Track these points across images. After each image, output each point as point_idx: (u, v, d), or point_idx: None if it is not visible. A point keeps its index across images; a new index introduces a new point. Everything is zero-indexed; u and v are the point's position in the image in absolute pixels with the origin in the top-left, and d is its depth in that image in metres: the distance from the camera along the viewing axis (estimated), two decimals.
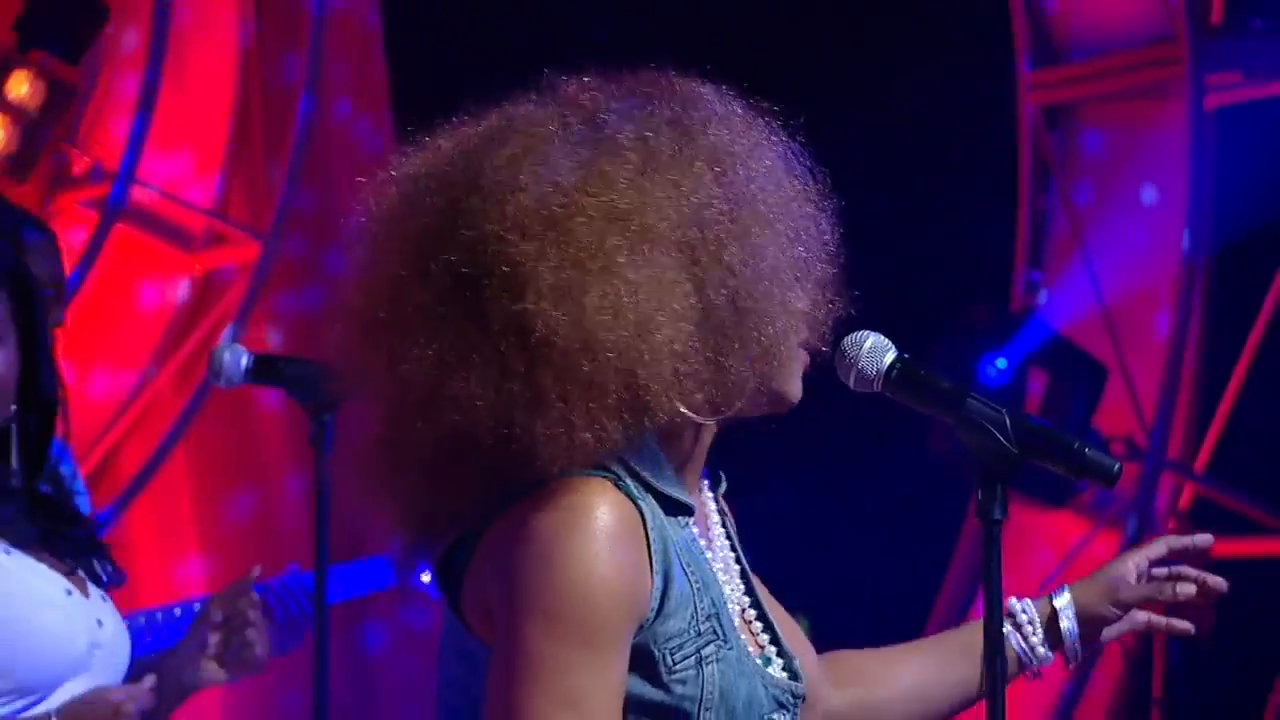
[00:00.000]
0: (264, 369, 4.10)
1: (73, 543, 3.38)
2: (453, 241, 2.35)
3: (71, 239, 8.07)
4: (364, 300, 2.39)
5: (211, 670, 3.58)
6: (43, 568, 3.31)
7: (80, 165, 8.17)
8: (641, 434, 2.36)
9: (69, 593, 3.32)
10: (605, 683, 2.30)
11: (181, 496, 8.19)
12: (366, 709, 8.28)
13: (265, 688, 7.78)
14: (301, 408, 4.09)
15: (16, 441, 3.39)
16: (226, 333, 8.06)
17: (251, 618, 3.58)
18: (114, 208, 8.08)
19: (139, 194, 8.17)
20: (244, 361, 4.08)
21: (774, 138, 2.45)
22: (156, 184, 8.25)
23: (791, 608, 2.57)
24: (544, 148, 2.37)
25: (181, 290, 8.43)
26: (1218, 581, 2.87)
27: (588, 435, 2.31)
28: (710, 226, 2.37)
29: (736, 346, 2.37)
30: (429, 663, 2.54)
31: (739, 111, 2.44)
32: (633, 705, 2.35)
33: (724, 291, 2.36)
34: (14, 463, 3.38)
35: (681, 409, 2.35)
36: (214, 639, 3.58)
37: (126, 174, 8.04)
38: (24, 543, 3.31)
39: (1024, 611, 2.86)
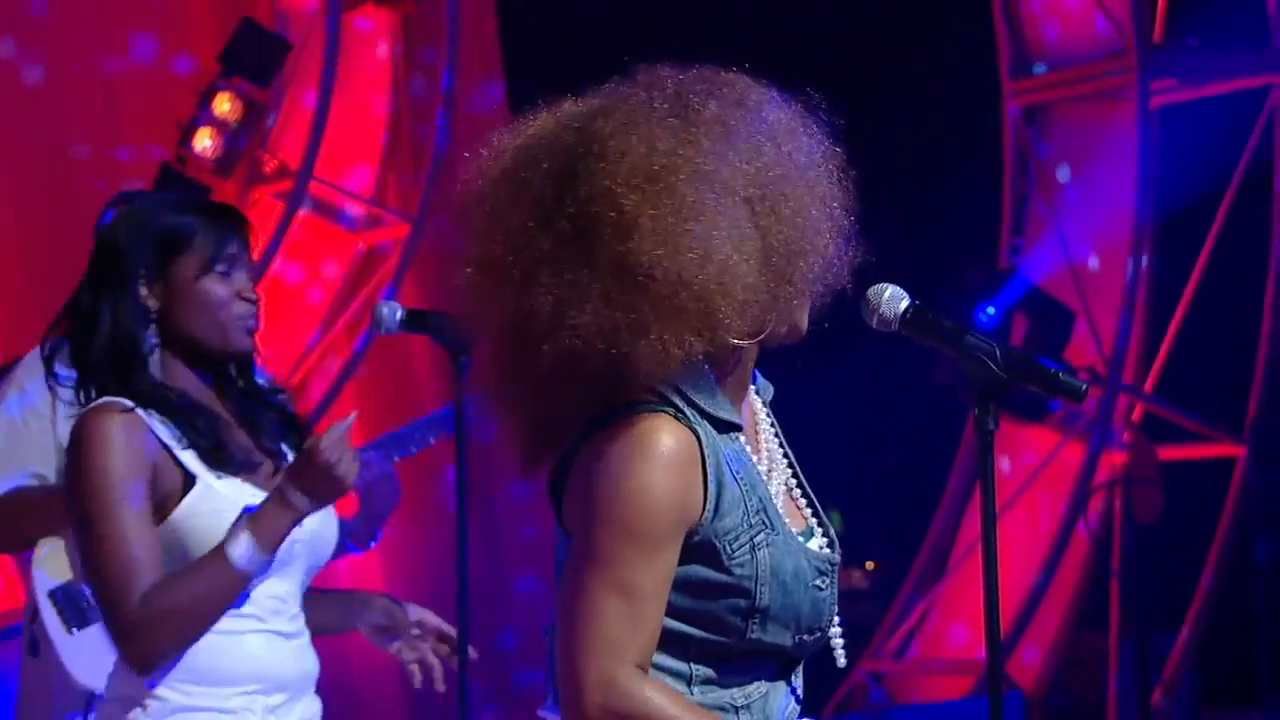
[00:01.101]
0: (414, 320, 4.05)
1: (274, 424, 3.31)
2: (571, 196, 2.30)
3: (264, 223, 8.11)
4: (493, 248, 2.33)
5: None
6: (248, 487, 3.22)
7: (270, 165, 8.17)
8: (703, 361, 2.34)
9: None
10: (652, 575, 2.29)
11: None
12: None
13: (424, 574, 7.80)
14: (444, 351, 4.07)
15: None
16: (385, 293, 8.07)
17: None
18: (297, 199, 8.09)
19: (316, 187, 8.18)
20: (398, 314, 4.04)
21: (808, 118, 2.41)
22: (329, 179, 8.26)
23: (825, 505, 2.54)
24: (642, 120, 2.33)
25: (349, 262, 8.45)
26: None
27: (678, 352, 2.28)
28: (769, 186, 2.34)
29: (785, 284, 2.34)
30: None
31: (779, 97, 2.40)
32: (704, 588, 2.34)
33: (780, 238, 2.33)
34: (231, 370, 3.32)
35: (740, 332, 2.33)
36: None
37: (306, 172, 8.04)
38: (234, 463, 3.22)
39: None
